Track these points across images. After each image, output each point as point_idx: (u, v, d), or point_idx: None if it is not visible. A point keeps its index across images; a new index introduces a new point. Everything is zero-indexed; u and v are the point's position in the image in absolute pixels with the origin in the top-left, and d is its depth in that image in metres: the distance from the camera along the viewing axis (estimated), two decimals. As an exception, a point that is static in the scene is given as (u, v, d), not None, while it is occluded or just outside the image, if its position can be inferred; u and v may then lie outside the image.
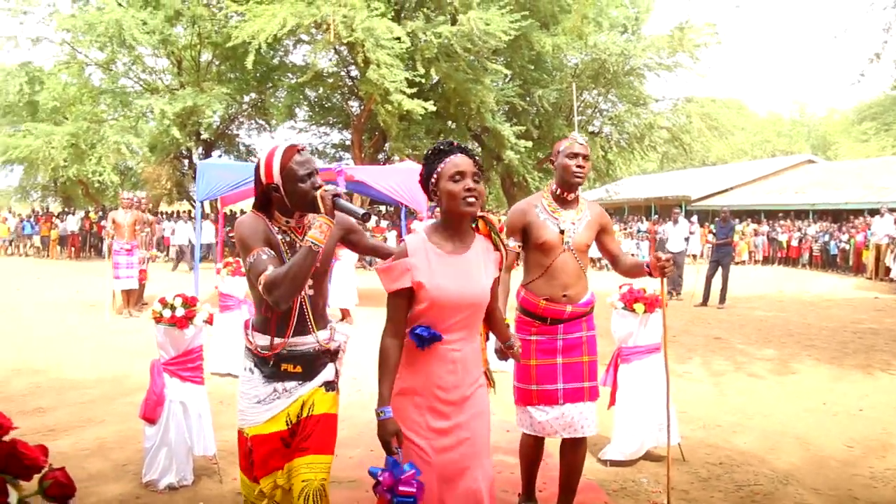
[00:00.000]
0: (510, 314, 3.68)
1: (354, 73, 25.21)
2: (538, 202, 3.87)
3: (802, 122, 74.14)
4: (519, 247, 3.85)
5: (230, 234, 21.88)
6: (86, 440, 5.33)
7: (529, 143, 23.34)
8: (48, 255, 28.47)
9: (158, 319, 4.35)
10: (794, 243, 27.50)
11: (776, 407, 6.68)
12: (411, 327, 2.69)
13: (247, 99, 29.12)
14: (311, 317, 2.92)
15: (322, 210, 2.65)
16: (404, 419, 2.67)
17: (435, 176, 2.69)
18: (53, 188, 37.90)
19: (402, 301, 2.69)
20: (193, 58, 26.40)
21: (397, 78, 19.67)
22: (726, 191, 37.63)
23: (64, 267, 23.85)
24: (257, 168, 2.86)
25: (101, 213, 28.94)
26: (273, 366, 2.85)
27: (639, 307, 5.04)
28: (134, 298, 11.94)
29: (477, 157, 2.73)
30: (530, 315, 3.83)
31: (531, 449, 3.99)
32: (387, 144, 25.66)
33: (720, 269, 14.37)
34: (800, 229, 28.12)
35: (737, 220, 30.28)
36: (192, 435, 4.39)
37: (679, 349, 9.52)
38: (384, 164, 24.69)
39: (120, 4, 23.57)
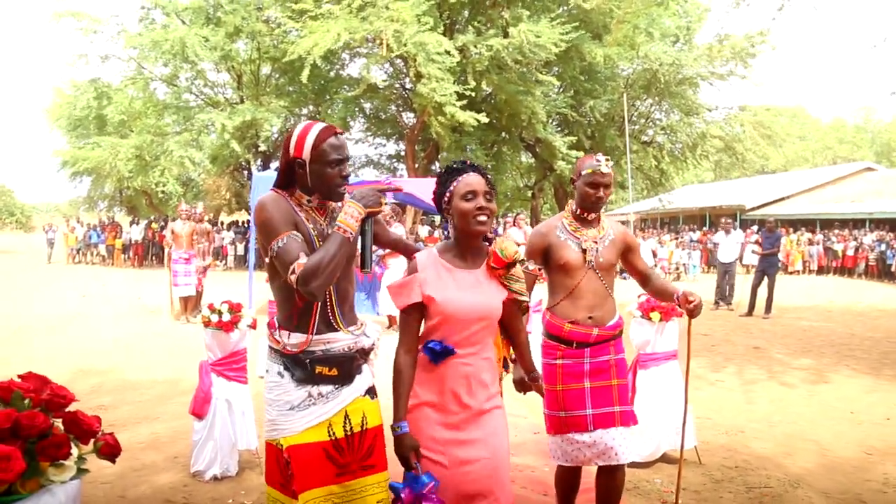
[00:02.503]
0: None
1: (408, 85, 25.73)
2: (558, 223, 3.73)
3: (866, 128, 72.58)
4: (539, 269, 3.73)
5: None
6: (141, 435, 5.78)
7: (581, 154, 23.46)
8: (113, 263, 29.53)
9: (207, 323, 4.75)
10: (850, 253, 27.12)
11: (802, 415, 6.82)
12: (424, 342, 2.74)
13: (305, 111, 29.84)
14: (335, 307, 2.70)
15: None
16: (419, 435, 2.68)
17: (448, 194, 2.73)
18: (119, 198, 39.26)
19: (414, 316, 2.75)
20: (253, 72, 27.20)
21: (447, 91, 20.06)
22: (782, 200, 37.17)
23: (127, 274, 24.74)
24: (287, 140, 2.66)
25: (163, 223, 29.93)
26: (307, 368, 2.63)
27: (655, 316, 5.24)
28: (191, 305, 12.47)
29: (489, 177, 2.77)
30: (555, 339, 3.68)
31: (567, 481, 3.80)
32: (440, 156, 26.08)
33: (766, 278, 14.37)
34: (856, 238, 27.72)
35: (791, 230, 29.98)
36: (235, 430, 4.77)
37: (716, 358, 9.68)
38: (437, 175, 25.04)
39: (184, 22, 24.50)
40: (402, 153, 29.47)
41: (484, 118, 21.09)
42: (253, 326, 4.89)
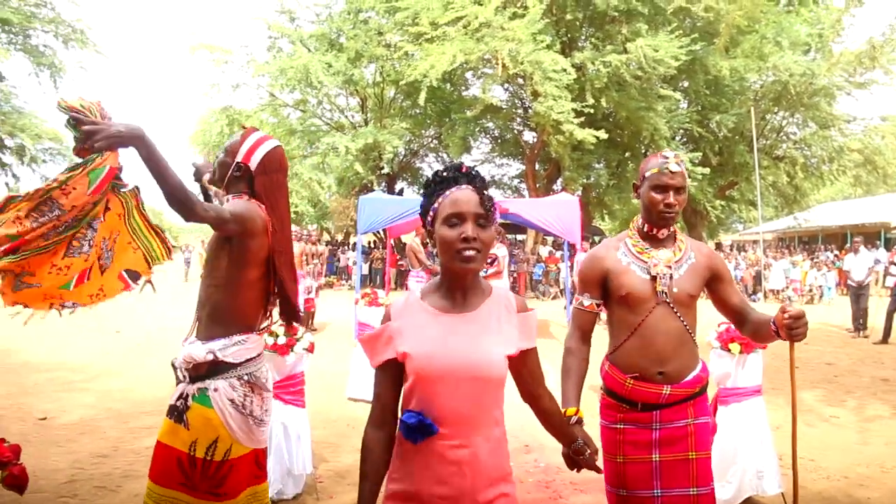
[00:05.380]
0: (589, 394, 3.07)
1: (528, 104, 25.68)
2: (620, 243, 2.99)
3: None
4: (597, 305, 2.97)
5: (399, 263, 22.95)
6: (216, 454, 5.88)
7: (707, 170, 22.69)
8: (241, 283, 30.68)
9: (264, 346, 4.78)
10: None
11: (922, 459, 6.11)
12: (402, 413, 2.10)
13: (431, 132, 30.29)
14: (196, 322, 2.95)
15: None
16: None
17: (432, 213, 2.08)
18: (254, 220, 40.94)
19: (388, 379, 2.11)
20: (377, 95, 27.90)
21: (564, 109, 19.88)
22: (933, 217, 34.54)
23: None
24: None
25: (290, 244, 30.80)
26: None
27: (734, 347, 4.87)
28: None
29: (487, 193, 2.07)
30: (616, 397, 2.94)
31: None
32: (562, 175, 25.84)
33: (904, 303, 13.31)
34: None
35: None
36: (291, 454, 4.76)
37: (836, 390, 8.98)
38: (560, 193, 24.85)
39: (309, 50, 25.41)
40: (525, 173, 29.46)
41: (603, 135, 20.74)
42: (310, 350, 4.89)
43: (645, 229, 2.95)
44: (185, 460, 2.74)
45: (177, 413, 2.78)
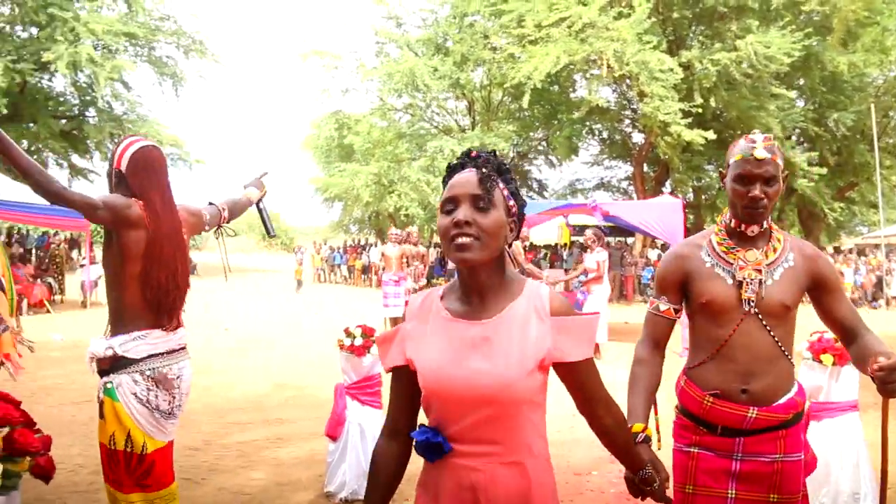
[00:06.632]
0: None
1: (635, 105, 25.32)
2: (705, 241, 2.54)
3: None
4: (674, 310, 2.58)
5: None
6: (301, 450, 6.06)
7: (824, 171, 21.77)
8: (353, 283, 31.37)
9: (342, 347, 4.91)
10: None
11: None
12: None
13: (539, 135, 30.21)
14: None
15: None
16: None
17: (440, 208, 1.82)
18: (367, 222, 41.68)
19: (401, 385, 1.89)
20: (484, 98, 28.04)
21: (672, 109, 19.49)
22: None
23: (363, 294, 26.13)
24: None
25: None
26: None
27: (826, 358, 4.54)
28: (400, 325, 12.95)
29: (492, 173, 1.72)
30: (692, 417, 2.52)
31: None
32: (671, 177, 25.33)
33: None
34: None
35: None
36: (366, 455, 4.86)
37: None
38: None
39: (415, 54, 25.81)
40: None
41: (711, 135, 20.22)
42: (387, 351, 4.97)
43: (732, 225, 2.49)
44: (104, 453, 2.85)
45: (99, 408, 2.88)
